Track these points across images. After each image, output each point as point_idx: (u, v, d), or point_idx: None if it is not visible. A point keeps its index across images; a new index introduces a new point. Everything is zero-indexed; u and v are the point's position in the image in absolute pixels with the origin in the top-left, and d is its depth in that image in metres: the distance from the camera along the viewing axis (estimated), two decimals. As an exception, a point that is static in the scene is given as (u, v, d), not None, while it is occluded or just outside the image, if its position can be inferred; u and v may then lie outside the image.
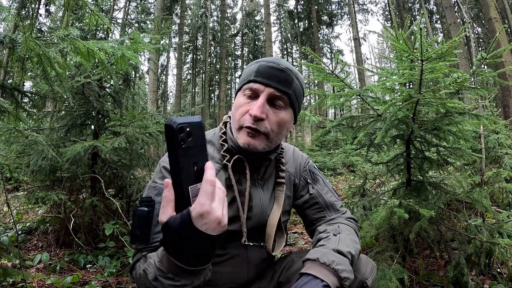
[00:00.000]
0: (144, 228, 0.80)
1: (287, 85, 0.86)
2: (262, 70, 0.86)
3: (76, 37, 1.32)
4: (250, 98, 0.87)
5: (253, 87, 0.86)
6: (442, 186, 1.78)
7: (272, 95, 0.85)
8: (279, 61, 0.87)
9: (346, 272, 0.75)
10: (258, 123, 0.84)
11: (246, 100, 0.87)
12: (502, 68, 1.68)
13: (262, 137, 0.86)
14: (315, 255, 0.79)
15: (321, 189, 1.03)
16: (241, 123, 0.86)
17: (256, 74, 0.86)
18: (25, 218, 3.22)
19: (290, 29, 24.92)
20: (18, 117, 1.61)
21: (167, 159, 0.92)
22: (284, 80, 0.86)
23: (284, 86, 0.86)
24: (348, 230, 0.92)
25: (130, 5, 7.64)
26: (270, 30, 12.83)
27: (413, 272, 1.79)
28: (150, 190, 0.88)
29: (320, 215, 1.01)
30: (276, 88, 0.85)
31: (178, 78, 16.68)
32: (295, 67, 5.61)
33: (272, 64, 0.86)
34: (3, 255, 1.62)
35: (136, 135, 2.32)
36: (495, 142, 3.45)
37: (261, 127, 0.84)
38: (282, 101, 0.87)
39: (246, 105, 0.86)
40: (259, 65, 0.87)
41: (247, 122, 0.84)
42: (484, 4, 8.34)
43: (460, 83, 1.45)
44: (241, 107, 0.87)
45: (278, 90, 0.85)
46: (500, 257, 1.54)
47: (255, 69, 0.87)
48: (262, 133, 0.85)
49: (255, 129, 0.84)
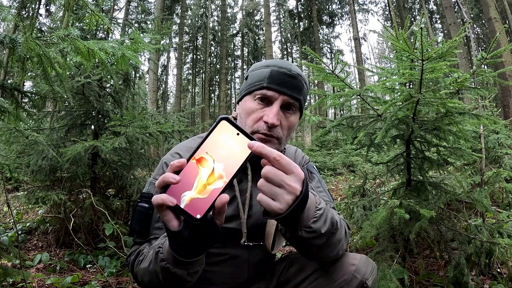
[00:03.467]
0: (144, 224, 0.81)
1: (299, 91, 0.88)
2: (275, 76, 0.86)
3: (76, 37, 1.32)
4: (262, 103, 0.88)
5: (267, 94, 0.86)
6: (442, 186, 1.78)
7: (286, 102, 0.87)
8: (290, 66, 0.88)
9: (323, 203, 0.71)
10: (273, 129, 0.86)
11: (258, 105, 0.88)
12: (502, 68, 1.68)
13: (275, 142, 0.88)
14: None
15: (315, 186, 1.03)
16: (255, 129, 0.87)
17: (270, 80, 0.86)
18: (25, 218, 3.22)
19: (290, 29, 24.93)
20: (18, 117, 1.62)
21: (169, 156, 0.93)
22: (296, 86, 0.87)
23: (297, 92, 0.88)
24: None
25: (130, 5, 7.62)
26: (270, 30, 12.84)
27: (413, 272, 1.79)
28: (151, 186, 0.89)
29: None
30: (290, 96, 0.87)
31: (178, 78, 16.68)
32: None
33: (284, 70, 0.87)
34: (3, 255, 1.62)
35: (136, 135, 2.32)
36: (495, 142, 3.45)
37: (275, 133, 0.87)
38: (293, 106, 0.89)
39: (259, 111, 0.87)
40: (271, 70, 0.87)
41: (262, 129, 0.86)
42: (484, 4, 8.34)
43: (460, 83, 1.45)
44: (253, 112, 0.88)
45: (291, 97, 0.87)
46: (500, 257, 1.54)
47: (268, 75, 0.87)
48: (275, 138, 0.87)
49: (270, 135, 0.86)
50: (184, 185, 0.52)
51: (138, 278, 0.77)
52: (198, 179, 0.52)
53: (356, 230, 2.10)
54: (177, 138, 2.70)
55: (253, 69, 0.94)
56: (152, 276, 0.70)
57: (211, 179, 0.52)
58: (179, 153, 0.93)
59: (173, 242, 0.59)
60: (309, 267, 0.89)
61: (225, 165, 0.52)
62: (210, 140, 0.53)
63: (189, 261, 0.62)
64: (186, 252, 0.60)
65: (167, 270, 0.63)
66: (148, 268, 0.71)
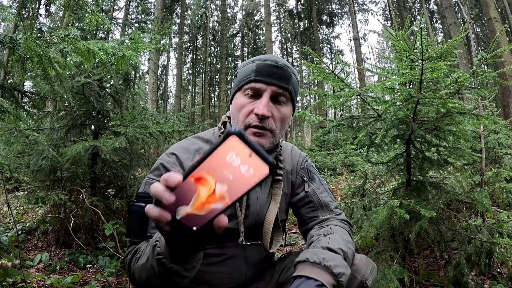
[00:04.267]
0: (141, 224, 0.81)
1: (287, 81, 0.89)
2: (261, 69, 0.87)
3: (76, 37, 1.32)
4: (252, 97, 0.88)
5: (255, 86, 0.87)
6: (442, 186, 1.78)
7: (275, 93, 0.87)
8: (276, 59, 0.89)
9: (339, 268, 0.73)
10: (264, 121, 0.86)
11: (248, 100, 0.88)
12: (502, 68, 1.68)
13: (269, 135, 0.88)
14: (304, 256, 0.77)
15: (316, 188, 1.02)
16: (246, 123, 0.87)
17: (257, 73, 0.87)
18: (25, 218, 3.21)
19: (290, 29, 24.93)
20: (18, 117, 1.61)
21: (166, 157, 0.93)
22: (284, 76, 0.88)
23: (285, 82, 0.88)
24: (340, 231, 0.91)
25: (130, 5, 7.59)
26: (270, 30, 12.83)
27: (413, 272, 1.79)
28: (147, 186, 0.88)
29: (314, 214, 1.00)
30: (278, 86, 0.87)
31: (178, 78, 16.67)
32: (295, 67, 5.46)
33: (270, 62, 0.88)
34: (3, 255, 1.62)
35: (136, 135, 2.32)
36: (495, 142, 3.45)
37: (267, 125, 0.86)
38: (284, 97, 0.89)
39: (249, 105, 0.87)
40: (257, 64, 0.88)
41: (253, 122, 0.86)
42: (484, 4, 8.34)
43: (460, 83, 1.45)
44: (244, 107, 0.88)
45: (280, 87, 0.87)
46: (500, 257, 1.54)
47: (254, 69, 0.88)
48: (268, 130, 0.87)
49: (263, 127, 0.86)
50: (180, 200, 0.46)
51: (136, 277, 0.75)
52: (196, 196, 0.45)
53: (356, 230, 2.10)
54: (177, 138, 2.70)
55: (241, 66, 0.94)
56: (150, 272, 0.68)
57: (211, 198, 0.45)
58: (175, 154, 0.92)
59: (169, 243, 0.58)
60: (309, 268, 0.89)
61: (229, 187, 0.44)
62: (214, 157, 0.43)
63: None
64: (181, 252, 0.59)
65: (163, 264, 0.62)
66: (146, 265, 0.69)
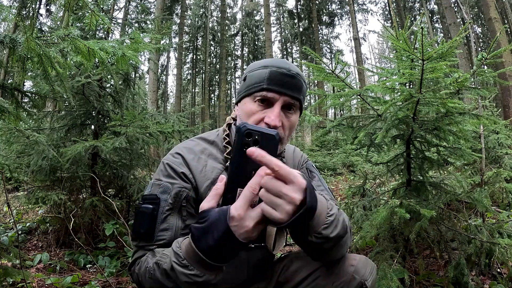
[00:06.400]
0: (148, 226, 0.80)
1: (298, 91, 0.88)
2: (274, 77, 0.85)
3: (76, 37, 1.32)
4: (262, 105, 0.87)
5: (267, 95, 0.85)
6: (442, 186, 1.78)
7: (287, 103, 0.86)
8: (288, 66, 0.87)
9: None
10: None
11: (259, 107, 0.86)
12: (502, 68, 1.68)
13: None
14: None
15: (316, 185, 1.02)
16: None
17: (269, 82, 0.85)
18: (25, 218, 3.21)
19: (290, 29, 24.94)
20: (18, 117, 1.61)
21: (171, 157, 0.93)
22: (296, 86, 0.87)
23: (297, 92, 0.87)
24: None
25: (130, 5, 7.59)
26: (270, 30, 12.84)
27: (413, 272, 1.79)
28: (154, 188, 0.86)
29: None
30: (290, 96, 0.86)
31: (178, 78, 16.68)
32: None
33: (283, 71, 0.85)
34: (3, 255, 1.62)
35: (137, 135, 2.32)
36: (495, 142, 3.45)
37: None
38: (294, 106, 0.89)
39: (260, 113, 0.86)
40: (270, 71, 0.86)
41: None
42: (484, 4, 8.34)
43: (461, 83, 1.45)
44: (254, 114, 0.86)
45: (292, 97, 0.86)
46: (500, 257, 1.54)
47: (267, 76, 0.85)
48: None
49: None
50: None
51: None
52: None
53: (356, 230, 2.10)
54: (177, 138, 2.70)
55: (251, 69, 0.92)
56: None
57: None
58: (181, 154, 0.92)
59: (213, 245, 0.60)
60: (308, 267, 0.88)
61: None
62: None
63: (220, 265, 0.63)
64: (221, 255, 0.61)
65: (195, 276, 0.63)
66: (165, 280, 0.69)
